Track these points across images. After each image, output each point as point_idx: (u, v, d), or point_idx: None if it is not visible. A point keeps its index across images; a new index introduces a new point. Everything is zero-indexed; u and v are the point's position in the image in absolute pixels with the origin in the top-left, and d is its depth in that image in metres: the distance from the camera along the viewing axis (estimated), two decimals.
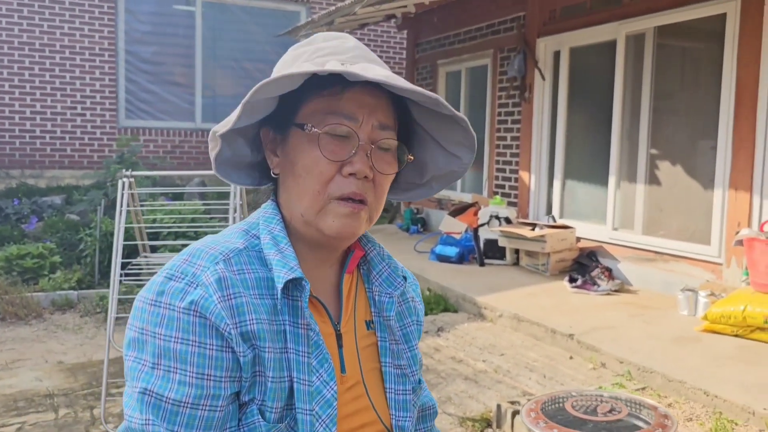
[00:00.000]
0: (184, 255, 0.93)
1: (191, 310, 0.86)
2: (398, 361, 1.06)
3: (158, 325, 0.86)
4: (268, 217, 0.99)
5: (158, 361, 0.86)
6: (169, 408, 0.85)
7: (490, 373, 3.97)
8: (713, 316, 4.16)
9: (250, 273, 0.92)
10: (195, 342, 0.86)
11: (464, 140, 1.01)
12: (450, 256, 6.55)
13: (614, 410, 1.77)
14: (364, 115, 0.94)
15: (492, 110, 7.50)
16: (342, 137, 0.94)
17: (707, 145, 5.15)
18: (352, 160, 0.94)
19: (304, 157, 0.95)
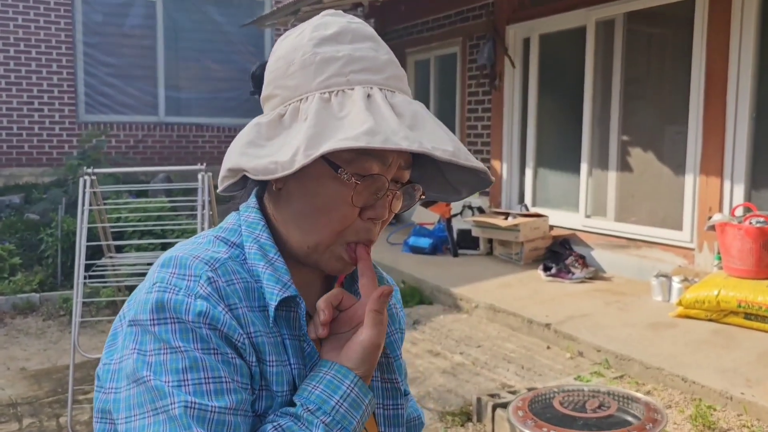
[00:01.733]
0: (168, 268, 0.82)
1: (201, 322, 0.78)
2: (387, 374, 0.98)
3: (171, 340, 0.77)
4: (252, 223, 0.90)
5: (184, 377, 0.76)
6: (215, 418, 0.75)
7: (468, 366, 3.92)
8: (687, 301, 4.17)
9: (239, 283, 0.84)
10: (217, 351, 0.78)
11: (472, 182, 0.93)
12: (423, 247, 6.49)
13: (603, 406, 1.70)
14: (393, 157, 0.85)
15: (462, 99, 7.44)
16: (370, 181, 0.84)
17: (678, 131, 5.16)
18: (376, 205, 0.86)
19: (327, 194, 0.85)
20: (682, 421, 2.99)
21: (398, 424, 0.98)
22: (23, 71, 8.50)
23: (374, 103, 0.82)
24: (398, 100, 0.84)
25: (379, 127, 0.78)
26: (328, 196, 0.84)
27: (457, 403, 3.45)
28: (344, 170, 0.83)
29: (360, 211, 0.85)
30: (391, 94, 0.85)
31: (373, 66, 0.86)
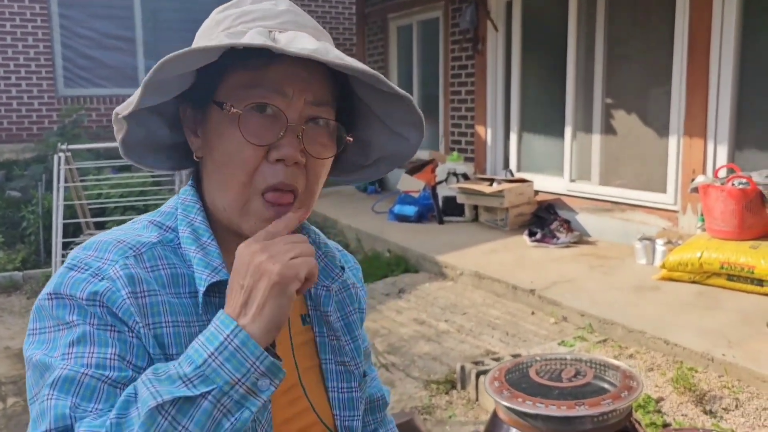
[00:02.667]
0: (89, 249, 0.81)
1: (96, 300, 0.76)
2: (341, 357, 0.96)
3: (66, 316, 0.76)
4: (187, 206, 0.87)
5: (69, 350, 0.74)
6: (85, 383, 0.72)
7: (452, 333, 3.93)
8: (671, 264, 4.18)
9: (165, 269, 0.82)
10: (114, 328, 0.76)
11: (411, 119, 0.90)
12: (409, 215, 6.46)
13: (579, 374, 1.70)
14: (294, 90, 0.82)
15: (445, 64, 7.35)
16: (268, 117, 0.81)
17: (661, 92, 5.12)
18: (280, 144, 0.81)
19: (225, 141, 0.82)
20: (664, 383, 3.02)
21: (353, 407, 0.96)
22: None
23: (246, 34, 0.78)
24: (284, 35, 0.80)
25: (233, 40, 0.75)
26: (227, 143, 0.82)
27: (442, 371, 3.47)
28: (230, 105, 0.80)
29: (267, 154, 0.81)
30: (281, 33, 0.80)
31: (267, 15, 0.83)
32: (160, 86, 0.79)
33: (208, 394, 0.68)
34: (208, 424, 0.69)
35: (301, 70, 0.82)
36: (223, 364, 0.70)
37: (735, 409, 2.78)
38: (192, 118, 0.88)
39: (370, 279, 5.03)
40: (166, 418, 0.67)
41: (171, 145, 0.93)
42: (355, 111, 0.93)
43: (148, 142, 0.91)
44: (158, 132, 0.90)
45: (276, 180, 0.81)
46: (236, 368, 0.70)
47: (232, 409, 0.70)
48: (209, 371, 0.69)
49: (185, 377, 0.69)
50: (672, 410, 2.80)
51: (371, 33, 8.89)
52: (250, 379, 0.71)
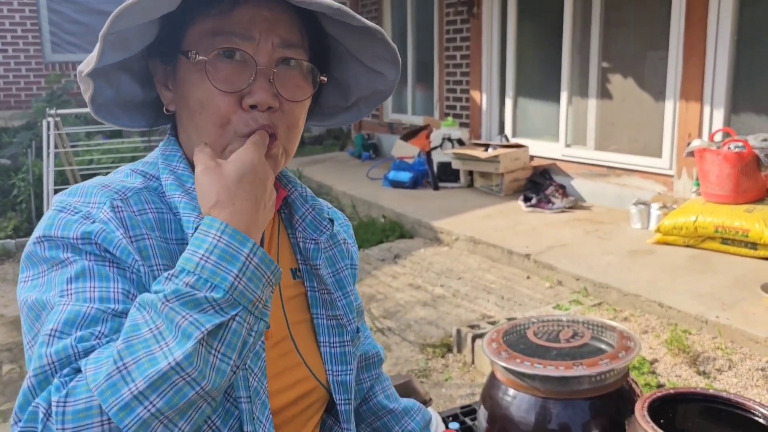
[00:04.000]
0: (75, 195, 0.80)
1: (90, 240, 0.74)
2: (332, 311, 0.96)
3: (60, 254, 0.74)
4: (168, 155, 0.86)
5: (68, 286, 0.73)
6: (91, 315, 0.70)
7: (448, 298, 3.94)
8: (665, 228, 4.19)
9: (153, 212, 0.81)
10: (113, 263, 0.75)
11: (385, 54, 0.88)
12: (404, 181, 6.44)
13: (577, 335, 1.70)
14: (260, 32, 0.80)
15: (440, 28, 7.25)
16: (236, 62, 0.80)
17: (657, 56, 5.06)
18: (252, 89, 0.80)
19: (196, 90, 0.81)
20: (658, 345, 3.04)
21: (345, 361, 0.95)
22: None
23: None
24: None
25: None
26: (197, 92, 0.81)
27: (438, 334, 3.48)
28: (195, 53, 0.79)
29: (240, 101, 0.80)
30: None
31: None
32: (121, 39, 0.77)
33: (237, 315, 0.69)
34: (238, 343, 0.69)
35: (266, 11, 0.80)
36: (247, 286, 0.70)
37: (728, 370, 2.81)
38: (162, 71, 0.86)
39: (366, 245, 5.03)
40: (203, 345, 0.66)
41: (144, 102, 0.92)
42: (329, 51, 0.91)
43: (119, 101, 0.89)
44: (129, 90, 0.89)
45: (256, 125, 0.80)
46: (257, 287, 0.71)
47: (254, 324, 0.71)
48: (237, 294, 0.69)
49: (215, 302, 0.68)
50: (666, 371, 2.83)
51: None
52: (265, 293, 0.72)
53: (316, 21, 0.87)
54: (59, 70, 8.30)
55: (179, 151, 0.87)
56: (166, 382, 0.64)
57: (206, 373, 0.66)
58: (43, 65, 8.47)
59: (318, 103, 0.95)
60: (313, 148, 9.55)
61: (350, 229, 1.08)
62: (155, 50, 0.85)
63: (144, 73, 0.88)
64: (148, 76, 0.88)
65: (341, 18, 0.81)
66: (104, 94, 0.86)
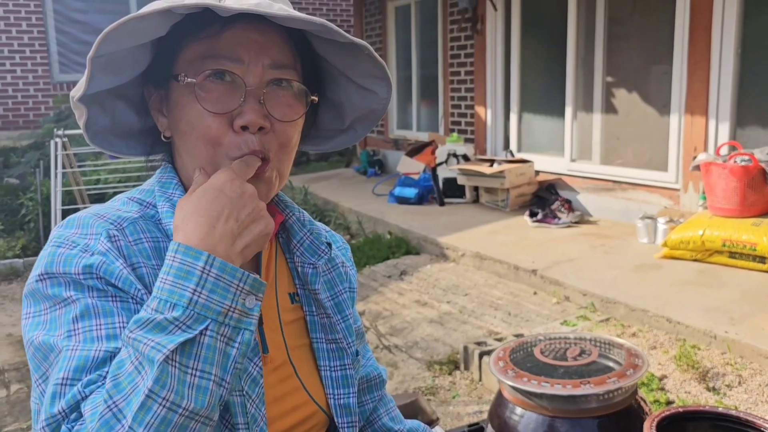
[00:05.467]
0: (71, 227, 0.80)
1: (92, 274, 0.75)
2: (332, 335, 0.95)
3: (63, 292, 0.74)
4: (164, 183, 0.87)
5: (75, 326, 0.73)
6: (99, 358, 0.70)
7: (455, 315, 3.93)
8: (672, 242, 4.17)
9: (149, 242, 0.81)
10: (116, 297, 0.75)
11: (374, 71, 0.88)
12: (409, 197, 6.44)
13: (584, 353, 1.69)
14: (250, 54, 0.81)
15: (444, 45, 7.29)
16: (226, 83, 0.80)
17: (662, 70, 5.07)
18: (242, 110, 0.80)
19: (187, 112, 0.81)
20: (667, 361, 3.02)
21: (347, 384, 0.95)
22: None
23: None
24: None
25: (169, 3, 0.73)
26: (187, 114, 0.81)
27: (445, 351, 3.47)
28: (184, 76, 0.80)
29: (231, 123, 0.80)
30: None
31: None
32: (112, 63, 0.78)
33: (206, 329, 0.68)
34: (216, 357, 0.68)
35: (255, 33, 0.81)
36: (210, 298, 0.69)
37: (738, 386, 2.78)
38: (156, 97, 0.87)
39: (372, 261, 5.02)
40: (174, 366, 0.66)
41: (141, 130, 0.92)
42: (321, 72, 0.92)
43: (116, 129, 0.90)
44: (125, 118, 0.90)
45: (247, 149, 0.80)
46: (224, 297, 0.69)
47: (232, 335, 0.70)
48: (199, 308, 0.68)
49: (177, 321, 0.67)
50: (675, 387, 2.80)
51: (369, 14, 8.81)
52: (238, 302, 0.70)
53: (307, 42, 0.87)
54: (67, 90, 8.38)
55: (175, 178, 0.87)
56: (148, 413, 0.64)
57: (184, 393, 0.65)
58: (51, 85, 8.55)
59: (315, 127, 0.96)
60: (318, 164, 9.58)
61: (348, 252, 1.08)
62: (149, 76, 0.86)
63: (140, 101, 0.89)
64: (144, 104, 0.89)
65: (328, 35, 0.81)
66: (99, 121, 0.87)
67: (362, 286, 4.62)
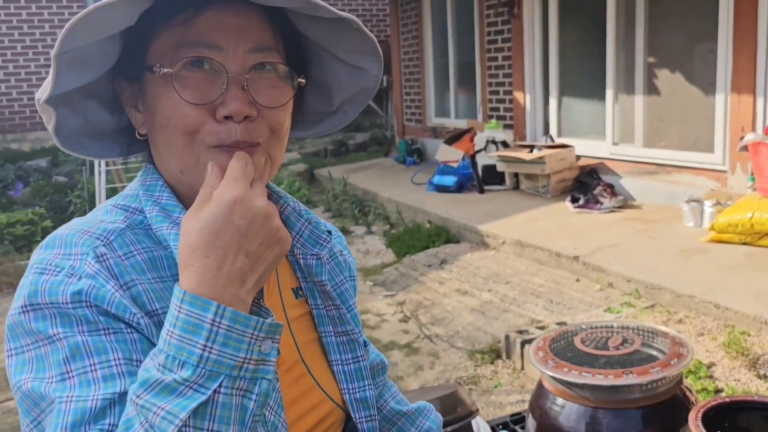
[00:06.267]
0: (53, 248, 0.72)
1: (81, 301, 0.67)
2: (342, 327, 0.91)
3: (48, 328, 0.67)
4: (149, 185, 0.80)
5: (67, 368, 0.66)
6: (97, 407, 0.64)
7: (496, 303, 3.91)
8: (720, 225, 4.06)
9: (141, 254, 0.75)
10: (108, 330, 0.68)
11: (364, 46, 0.82)
12: (448, 185, 6.41)
13: (627, 342, 1.66)
14: (229, 40, 0.74)
15: (481, 30, 7.20)
16: (205, 71, 0.74)
17: (707, 48, 4.92)
18: (225, 99, 0.74)
19: (163, 104, 0.75)
20: (715, 348, 2.95)
21: (362, 377, 0.91)
22: (37, 34, 8.48)
23: None
24: None
25: None
26: (163, 107, 0.75)
27: (486, 340, 3.45)
28: (159, 66, 0.73)
29: (214, 113, 0.74)
30: None
31: None
32: (79, 60, 0.72)
33: (219, 387, 0.62)
34: (232, 414, 0.62)
35: (232, 16, 0.75)
36: (222, 352, 0.62)
37: None
38: (130, 92, 0.81)
39: (411, 251, 5.02)
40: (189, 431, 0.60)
41: (116, 130, 0.86)
42: (305, 52, 0.86)
43: (89, 130, 0.84)
44: (98, 118, 0.83)
45: (230, 140, 0.74)
46: (238, 349, 0.63)
47: (249, 387, 0.64)
48: (210, 365, 0.62)
49: (188, 382, 0.61)
50: (724, 375, 2.74)
51: (405, 2, 8.76)
52: (253, 351, 0.64)
53: (289, 21, 0.82)
54: None
55: (160, 180, 0.80)
56: None
57: None
58: None
59: (301, 111, 0.90)
60: (357, 155, 9.61)
61: (343, 239, 1.03)
62: (120, 71, 0.80)
63: (112, 99, 0.83)
64: (117, 101, 0.83)
65: (313, 12, 0.75)
66: (71, 124, 0.80)
67: (402, 276, 4.63)
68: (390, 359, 3.44)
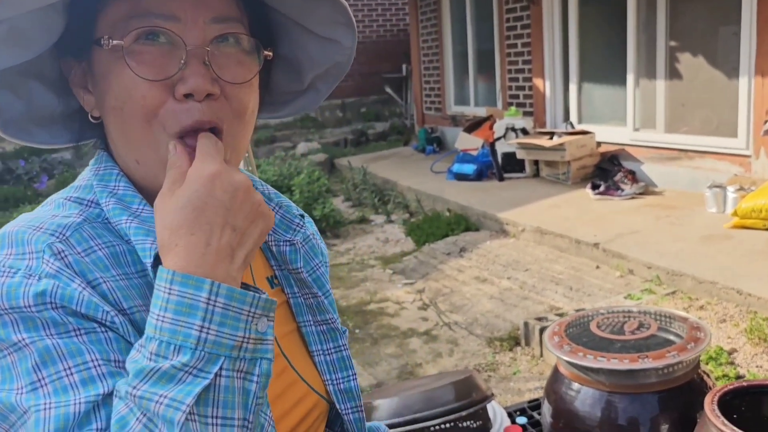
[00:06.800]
0: (2, 249, 0.64)
1: (45, 303, 0.61)
2: (321, 316, 0.86)
3: (11, 335, 0.60)
4: (103, 175, 0.73)
5: (38, 375, 0.59)
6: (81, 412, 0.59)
7: (515, 291, 3.90)
8: (743, 211, 4.00)
9: (102, 249, 0.67)
10: (80, 330, 0.61)
11: (335, 15, 0.74)
12: (468, 173, 6.40)
13: (643, 326, 1.65)
14: (186, 8, 0.67)
15: (500, 17, 7.15)
16: (161, 44, 0.66)
17: (730, 31, 4.84)
18: (184, 75, 0.66)
19: (115, 81, 0.67)
20: (737, 334, 2.92)
21: (345, 367, 0.86)
22: None
23: None
24: None
25: None
26: (116, 86, 0.67)
27: (505, 328, 3.45)
28: (108, 38, 0.65)
29: (173, 90, 0.67)
30: None
31: None
32: (16, 35, 0.65)
33: (221, 370, 0.58)
34: (236, 398, 0.59)
35: None
36: (220, 332, 0.58)
37: None
38: (78, 71, 0.73)
39: (431, 239, 5.03)
40: (194, 421, 0.57)
41: (65, 113, 0.78)
42: (271, 25, 0.78)
43: (34, 114, 0.76)
44: (43, 101, 0.75)
45: (191, 120, 0.67)
46: (234, 327, 0.59)
47: (249, 368, 0.60)
48: (209, 346, 0.58)
49: (187, 367, 0.57)
50: (746, 362, 2.71)
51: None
52: (251, 329, 0.60)
53: None
54: None
55: (115, 168, 0.73)
56: None
57: None
58: None
59: (269, 90, 0.82)
60: (377, 144, 9.61)
61: (313, 224, 0.96)
62: (65, 47, 0.71)
63: (58, 78, 0.75)
64: (63, 81, 0.74)
65: None
66: (13, 108, 0.73)
67: (421, 264, 4.64)
68: (409, 347, 3.46)
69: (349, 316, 3.90)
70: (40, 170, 7.47)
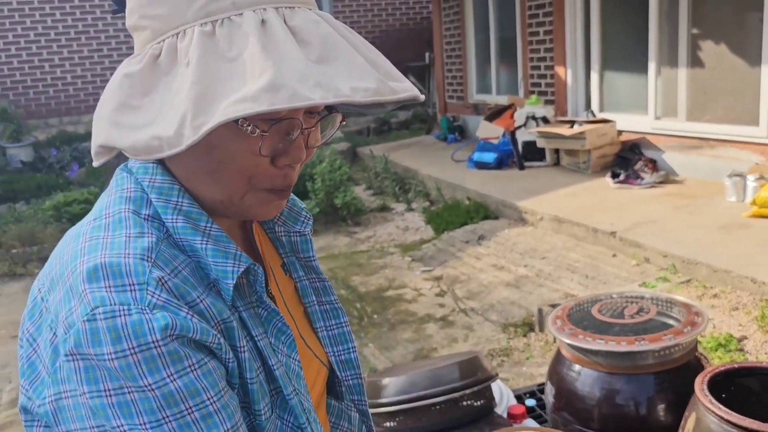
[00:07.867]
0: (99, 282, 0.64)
1: (168, 337, 0.63)
2: (326, 297, 0.95)
3: (137, 378, 0.62)
4: (162, 188, 0.72)
5: (162, 414, 0.63)
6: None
7: (531, 278, 3.96)
8: (762, 200, 4.00)
9: (184, 268, 0.69)
10: (192, 365, 0.65)
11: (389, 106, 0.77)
12: (488, 162, 6.43)
13: (642, 311, 1.72)
14: None
15: (522, 4, 7.13)
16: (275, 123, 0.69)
17: (755, 18, 4.80)
18: (289, 149, 0.71)
19: (227, 146, 0.69)
20: (748, 322, 2.95)
21: (345, 340, 0.94)
22: (89, 19, 8.76)
23: (271, 34, 0.63)
24: (300, 21, 0.65)
25: (281, 76, 0.60)
26: (229, 148, 0.69)
27: (520, 314, 3.52)
28: (245, 121, 0.66)
29: (272, 159, 0.71)
30: (291, 12, 0.66)
31: None
32: None
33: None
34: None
35: None
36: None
37: None
38: None
39: (450, 227, 5.09)
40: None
41: None
42: None
43: None
44: None
45: (285, 183, 0.74)
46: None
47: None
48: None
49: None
50: (755, 349, 2.75)
51: None
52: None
53: None
54: None
55: (175, 182, 0.73)
56: None
57: None
58: None
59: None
60: (399, 133, 9.66)
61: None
62: None
63: None
64: None
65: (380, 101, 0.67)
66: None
67: (440, 252, 4.71)
68: (425, 332, 3.54)
69: (368, 302, 3.99)
70: (71, 159, 7.67)
